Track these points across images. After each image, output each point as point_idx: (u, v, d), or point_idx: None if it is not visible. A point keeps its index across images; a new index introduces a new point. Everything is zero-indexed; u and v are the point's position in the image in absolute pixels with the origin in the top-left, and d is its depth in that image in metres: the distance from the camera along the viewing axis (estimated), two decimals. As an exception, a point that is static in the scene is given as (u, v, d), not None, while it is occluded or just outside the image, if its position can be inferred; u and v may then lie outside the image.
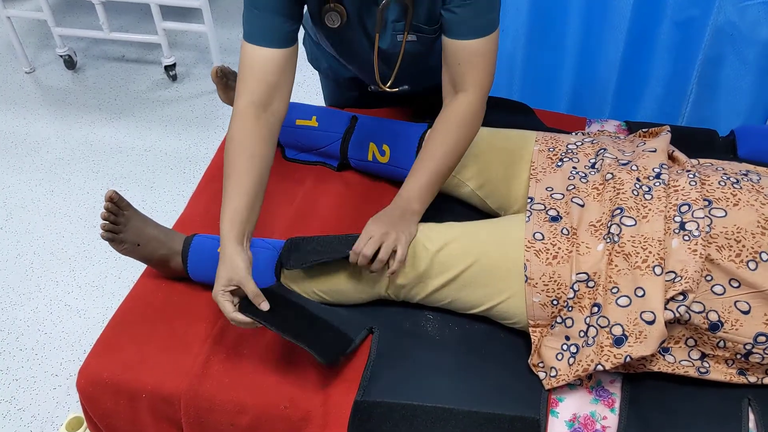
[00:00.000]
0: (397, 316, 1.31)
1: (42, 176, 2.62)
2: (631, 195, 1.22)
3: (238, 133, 1.23)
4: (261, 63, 1.24)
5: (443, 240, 1.26)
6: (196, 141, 2.78)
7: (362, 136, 1.58)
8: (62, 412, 1.84)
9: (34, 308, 2.12)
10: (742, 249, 1.13)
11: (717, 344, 1.15)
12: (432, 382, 1.19)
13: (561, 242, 1.21)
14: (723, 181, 1.21)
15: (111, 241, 1.32)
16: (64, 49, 3.10)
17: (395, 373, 1.21)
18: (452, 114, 1.31)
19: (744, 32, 1.95)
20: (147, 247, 1.33)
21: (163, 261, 1.35)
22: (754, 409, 1.14)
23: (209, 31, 2.88)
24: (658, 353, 1.16)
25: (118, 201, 1.29)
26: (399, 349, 1.25)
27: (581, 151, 1.39)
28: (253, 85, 1.24)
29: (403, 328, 1.29)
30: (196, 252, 1.34)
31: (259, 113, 1.24)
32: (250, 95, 1.24)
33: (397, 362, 1.23)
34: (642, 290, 1.12)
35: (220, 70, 1.58)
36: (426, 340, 1.26)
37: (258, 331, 1.27)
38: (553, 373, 1.17)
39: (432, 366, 1.22)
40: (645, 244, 1.15)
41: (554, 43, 2.14)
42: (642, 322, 1.11)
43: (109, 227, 1.30)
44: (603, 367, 1.12)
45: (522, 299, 1.21)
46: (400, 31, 1.34)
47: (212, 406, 1.18)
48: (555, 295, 1.19)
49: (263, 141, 1.24)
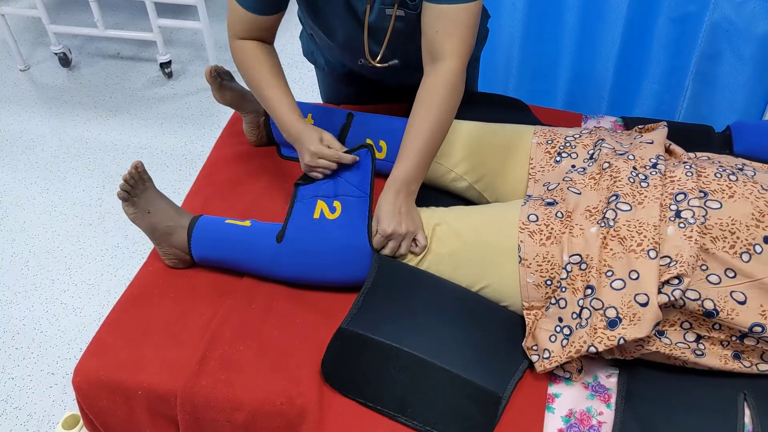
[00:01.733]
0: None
1: (37, 174, 2.62)
2: (628, 182, 1.23)
3: (245, 54, 1.41)
4: (248, 22, 1.38)
5: (438, 219, 1.29)
6: (192, 138, 2.77)
7: (359, 132, 1.58)
8: (59, 411, 1.84)
9: (29, 306, 2.12)
10: (736, 241, 1.13)
11: (713, 326, 1.15)
12: (417, 329, 1.20)
13: (554, 223, 1.23)
14: (719, 173, 1.22)
15: (124, 201, 1.37)
16: (58, 47, 3.09)
17: (384, 311, 1.23)
18: (433, 86, 1.31)
19: (740, 28, 1.96)
20: (155, 216, 1.38)
21: (167, 233, 1.37)
22: (749, 403, 1.15)
23: (204, 28, 2.88)
24: (654, 336, 1.16)
25: (142, 172, 1.36)
26: (397, 286, 1.26)
27: (579, 143, 1.39)
28: (241, 32, 1.40)
29: (405, 265, 1.30)
30: (201, 226, 1.38)
31: (253, 42, 1.41)
32: (240, 35, 1.41)
33: (391, 299, 1.24)
34: (636, 273, 1.13)
35: (214, 69, 1.58)
36: (427, 286, 1.27)
37: (253, 329, 1.27)
38: (546, 355, 1.18)
39: (424, 314, 1.23)
40: (640, 228, 1.16)
41: (550, 39, 2.14)
42: (636, 305, 1.11)
43: (126, 187, 1.35)
44: (596, 348, 1.12)
45: (516, 280, 1.23)
46: (389, 5, 1.34)
47: (208, 403, 1.18)
48: (549, 275, 1.20)
49: (270, 55, 1.43)
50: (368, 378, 1.16)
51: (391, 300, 1.24)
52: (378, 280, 1.26)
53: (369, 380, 1.16)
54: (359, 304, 1.24)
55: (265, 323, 1.29)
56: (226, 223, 1.38)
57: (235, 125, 1.78)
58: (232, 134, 1.76)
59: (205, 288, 1.38)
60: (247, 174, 1.64)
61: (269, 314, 1.30)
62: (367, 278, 1.27)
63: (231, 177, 1.63)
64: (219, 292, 1.37)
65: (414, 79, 1.53)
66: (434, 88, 1.30)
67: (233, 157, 1.69)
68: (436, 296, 1.25)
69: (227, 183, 1.62)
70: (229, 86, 1.62)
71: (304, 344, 1.25)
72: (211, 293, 1.37)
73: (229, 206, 1.55)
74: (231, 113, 1.89)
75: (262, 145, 1.71)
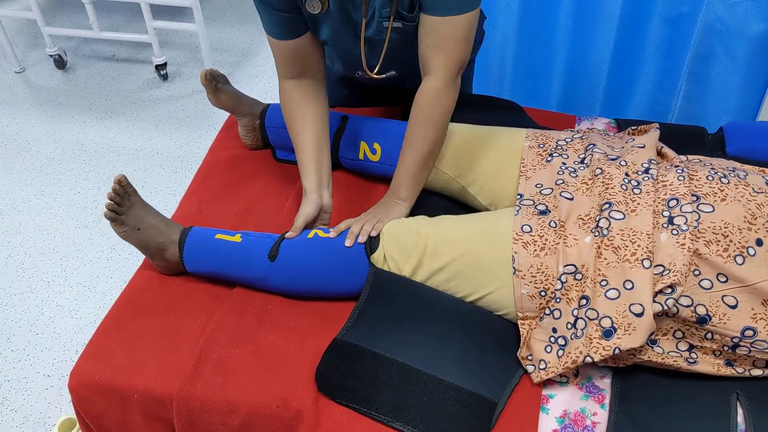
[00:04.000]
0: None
1: (33, 176, 2.61)
2: (620, 189, 1.23)
3: (287, 100, 1.45)
4: (283, 51, 1.41)
5: (434, 230, 1.29)
6: (187, 140, 2.77)
7: (353, 135, 1.58)
8: (54, 413, 1.84)
9: (25, 309, 2.12)
10: (729, 244, 1.14)
11: (705, 336, 1.16)
12: (412, 341, 1.21)
13: (548, 234, 1.23)
14: (711, 177, 1.22)
15: (113, 221, 1.35)
16: (54, 49, 3.08)
17: (379, 323, 1.24)
18: (419, 101, 1.36)
19: (733, 29, 1.96)
20: (146, 233, 1.35)
21: (160, 249, 1.36)
22: (742, 403, 1.15)
23: (200, 30, 2.88)
24: (647, 345, 1.17)
25: (126, 185, 1.33)
26: (392, 299, 1.26)
27: (571, 147, 1.40)
28: (284, 68, 1.43)
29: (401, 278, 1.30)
30: (192, 241, 1.36)
31: (298, 81, 1.44)
32: (285, 73, 1.44)
33: (386, 312, 1.25)
34: (631, 283, 1.13)
35: (209, 73, 1.58)
36: (421, 299, 1.27)
37: (249, 332, 1.27)
38: (543, 365, 1.18)
39: (419, 326, 1.23)
40: (634, 237, 1.16)
41: (544, 41, 2.14)
42: (631, 315, 1.12)
43: (113, 207, 1.33)
44: (592, 359, 1.13)
45: (510, 291, 1.23)
46: (386, 17, 1.35)
47: (204, 407, 1.18)
48: (543, 286, 1.20)
49: (311, 100, 1.45)
50: (362, 385, 1.17)
51: (387, 313, 1.25)
52: (373, 293, 1.27)
53: (363, 387, 1.16)
54: (354, 318, 1.25)
55: (261, 327, 1.29)
56: (217, 239, 1.36)
57: (230, 128, 1.78)
58: (227, 137, 1.77)
59: (201, 292, 1.38)
60: (243, 177, 1.64)
61: (265, 318, 1.31)
62: (362, 291, 1.28)
63: (226, 180, 1.64)
64: (214, 295, 1.37)
65: (411, 84, 1.53)
66: (420, 105, 1.36)
67: (229, 159, 1.69)
68: (431, 308, 1.26)
69: (222, 186, 1.62)
70: (224, 89, 1.62)
71: (299, 348, 1.25)
72: (207, 297, 1.37)
73: (224, 209, 1.55)
74: (226, 115, 1.89)
75: (257, 148, 1.71)
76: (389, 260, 1.29)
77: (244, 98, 1.65)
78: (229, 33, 3.42)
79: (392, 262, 1.29)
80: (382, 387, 1.16)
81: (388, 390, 1.15)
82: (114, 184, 1.32)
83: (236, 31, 3.42)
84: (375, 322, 1.24)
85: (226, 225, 1.51)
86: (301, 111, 1.44)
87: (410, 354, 1.19)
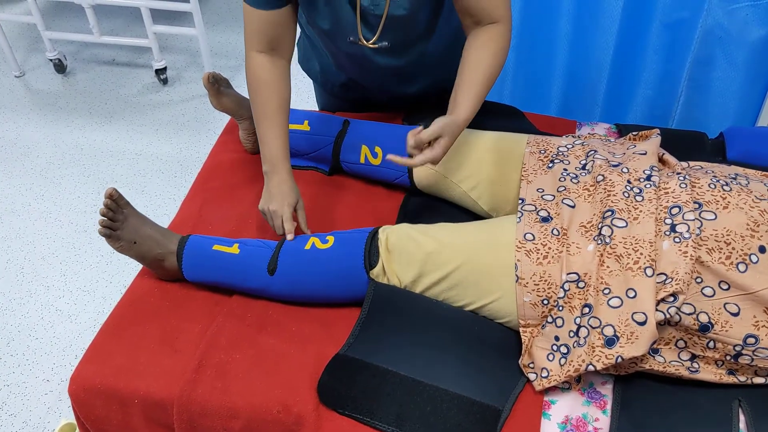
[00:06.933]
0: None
1: (32, 181, 2.61)
2: (622, 197, 1.23)
3: (257, 71, 1.40)
4: (258, 23, 1.36)
5: (435, 240, 1.28)
6: (187, 144, 2.77)
7: (354, 138, 1.58)
8: (54, 418, 1.84)
9: (25, 313, 2.12)
10: (731, 251, 1.13)
11: (707, 345, 1.15)
12: (415, 353, 1.21)
13: (551, 242, 1.22)
14: (713, 184, 1.22)
15: (108, 237, 1.33)
16: (53, 53, 3.09)
17: (381, 337, 1.23)
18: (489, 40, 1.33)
19: (733, 34, 1.97)
20: (143, 246, 1.35)
21: (158, 260, 1.36)
22: (744, 410, 1.15)
23: (200, 35, 2.88)
24: (649, 354, 1.16)
25: (117, 199, 1.32)
26: (393, 312, 1.26)
27: (572, 153, 1.40)
28: (257, 41, 1.39)
29: (401, 291, 1.30)
30: (191, 252, 1.35)
31: (270, 57, 1.40)
32: (256, 46, 1.39)
33: (387, 325, 1.25)
34: (633, 291, 1.13)
35: (212, 76, 1.58)
36: (423, 310, 1.27)
37: (250, 337, 1.27)
38: (545, 374, 1.18)
39: (421, 338, 1.23)
40: (636, 245, 1.16)
41: (544, 46, 2.15)
42: (633, 323, 1.12)
43: (107, 223, 1.32)
44: (594, 367, 1.12)
45: (513, 299, 1.22)
46: None
47: (205, 411, 1.18)
48: (545, 294, 1.20)
49: (281, 79, 1.41)
50: (365, 396, 1.16)
51: (388, 326, 1.25)
52: (373, 308, 1.27)
53: (366, 398, 1.16)
54: (356, 333, 1.25)
55: (261, 331, 1.29)
56: (214, 251, 1.35)
57: (230, 132, 1.78)
58: (227, 141, 1.77)
59: (201, 296, 1.38)
60: (243, 181, 1.64)
61: (265, 322, 1.31)
62: (363, 306, 1.28)
63: (227, 184, 1.64)
64: (215, 300, 1.37)
65: (408, 89, 1.52)
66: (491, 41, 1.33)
67: (229, 163, 1.69)
68: (432, 319, 1.26)
69: (223, 190, 1.62)
70: (227, 93, 1.62)
71: (300, 353, 1.25)
72: (208, 302, 1.37)
73: (224, 213, 1.55)
74: (226, 120, 1.89)
75: (257, 152, 1.71)
76: (389, 272, 1.29)
77: (246, 102, 1.65)
78: (229, 37, 3.43)
79: (392, 273, 1.29)
80: (385, 399, 1.15)
81: (392, 401, 1.15)
82: (105, 199, 1.30)
83: (236, 36, 3.43)
84: (376, 336, 1.24)
85: (227, 228, 1.50)
86: (272, 86, 1.40)
87: (413, 366, 1.19)
